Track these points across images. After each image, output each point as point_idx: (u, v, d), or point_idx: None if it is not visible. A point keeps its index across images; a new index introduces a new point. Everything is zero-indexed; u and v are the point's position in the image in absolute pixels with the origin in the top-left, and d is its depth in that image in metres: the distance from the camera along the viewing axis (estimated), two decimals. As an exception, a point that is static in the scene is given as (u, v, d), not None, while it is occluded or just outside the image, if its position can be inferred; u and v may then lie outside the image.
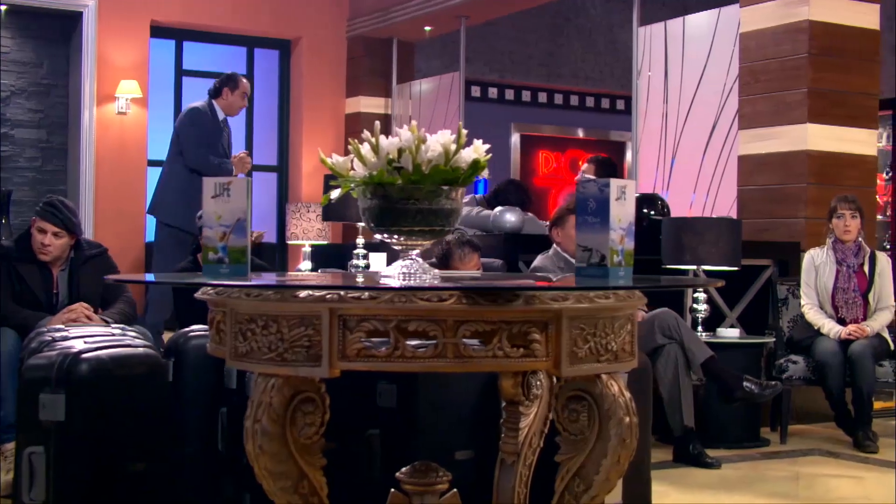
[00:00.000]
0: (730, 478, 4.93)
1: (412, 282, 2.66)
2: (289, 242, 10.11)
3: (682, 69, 7.61)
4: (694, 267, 5.88)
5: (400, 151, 2.70)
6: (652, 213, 6.18)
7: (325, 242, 9.29)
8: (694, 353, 5.15)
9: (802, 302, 5.97)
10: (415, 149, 2.68)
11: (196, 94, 10.97)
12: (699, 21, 7.51)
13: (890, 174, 11.38)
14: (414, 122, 2.70)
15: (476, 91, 12.01)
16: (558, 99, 12.52)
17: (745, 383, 5.17)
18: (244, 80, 7.88)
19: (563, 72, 12.39)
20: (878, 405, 6.80)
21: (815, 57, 6.52)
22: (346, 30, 10.95)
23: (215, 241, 2.76)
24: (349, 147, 2.76)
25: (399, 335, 2.31)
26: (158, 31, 10.42)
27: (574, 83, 12.43)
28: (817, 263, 5.94)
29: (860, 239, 5.94)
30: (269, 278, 3.07)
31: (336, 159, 2.78)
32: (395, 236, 2.71)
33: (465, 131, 2.74)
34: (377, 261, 6.10)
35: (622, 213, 2.79)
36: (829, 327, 5.79)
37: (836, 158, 6.59)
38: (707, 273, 6.23)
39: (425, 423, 3.39)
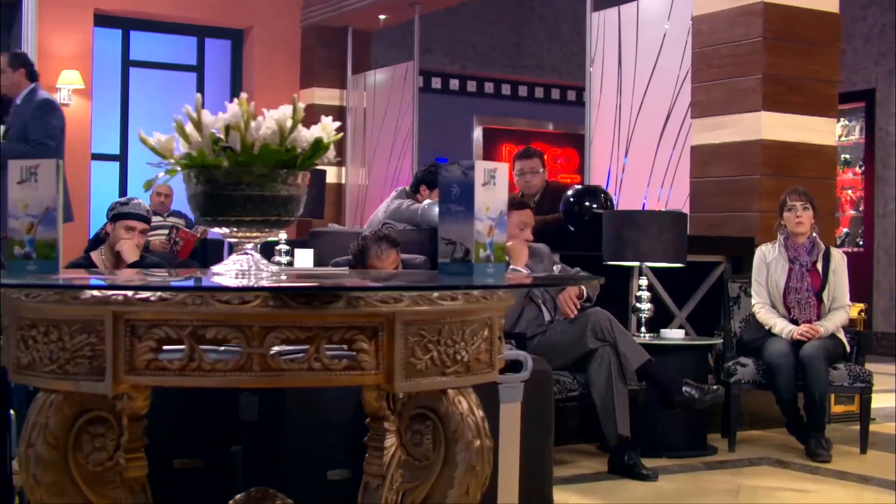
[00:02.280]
0: (665, 491, 4.56)
1: (248, 280, 2.29)
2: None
3: (635, 56, 7.25)
4: (636, 263, 5.51)
5: (227, 129, 2.33)
6: (594, 206, 5.81)
7: (276, 239, 8.92)
8: (628, 357, 4.77)
9: (753, 301, 5.60)
10: (243, 126, 2.31)
11: (143, 86, 10.63)
12: (653, 5, 7.13)
13: (863, 168, 11.03)
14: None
15: (437, 82, 11.63)
16: (522, 91, 12.14)
17: (684, 388, 4.79)
18: None
19: (528, 63, 12.01)
20: (839, 409, 6.45)
21: (770, 41, 6.16)
22: (300, 19, 10.57)
23: (21, 233, 2.39)
24: (173, 124, 2.39)
25: (195, 344, 1.94)
26: (103, 20, 10.02)
27: (539, 75, 12.06)
28: (768, 260, 5.58)
29: (814, 235, 5.57)
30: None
31: (158, 138, 2.41)
32: (224, 227, 2.35)
33: (301, 105, 2.36)
34: (303, 258, 5.72)
35: (491, 200, 2.42)
36: (781, 327, 5.43)
37: (793, 148, 6.23)
38: (653, 270, 5.88)
39: (293, 439, 3.02)
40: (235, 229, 2.34)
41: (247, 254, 2.38)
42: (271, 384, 1.96)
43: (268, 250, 8.70)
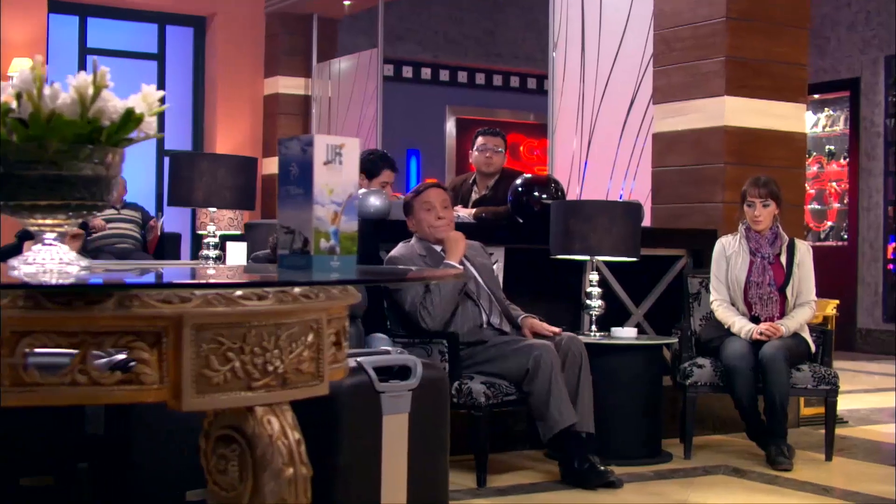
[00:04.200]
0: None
1: (48, 278, 1.94)
2: (199, 232, 9.42)
3: (599, 40, 6.89)
4: (586, 257, 5.16)
5: (18, 97, 1.98)
6: (544, 196, 5.44)
7: (238, 232, 8.61)
8: (555, 417, 4.34)
9: (711, 297, 5.24)
10: (36, 93, 1.96)
11: (102, 75, 10.25)
12: (616, -15, 6.77)
13: (847, 159, 10.67)
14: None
15: (408, 71, 11.27)
16: (497, 80, 11.78)
17: (586, 464, 4.42)
18: None
19: (502, 51, 11.64)
20: (809, 411, 6.10)
21: (734, 21, 5.79)
22: (264, 5, 10.22)
23: None
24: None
25: (-70, 353, 1.59)
26: (58, 6, 9.69)
27: (514, 63, 11.67)
28: (728, 253, 5.22)
29: (777, 226, 5.20)
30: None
31: (-55, 110, 2.05)
32: (18, 214, 2.00)
33: (105, 69, 2.01)
34: (235, 252, 5.37)
35: (336, 181, 2.08)
36: (740, 326, 5.07)
37: (758, 135, 5.87)
38: (609, 264, 5.55)
39: (145, 454, 2.67)
40: (31, 216, 1.99)
41: (48, 244, 2.03)
42: (24, 402, 1.61)
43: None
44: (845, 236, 10.64)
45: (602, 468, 4.41)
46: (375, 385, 2.78)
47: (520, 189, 5.48)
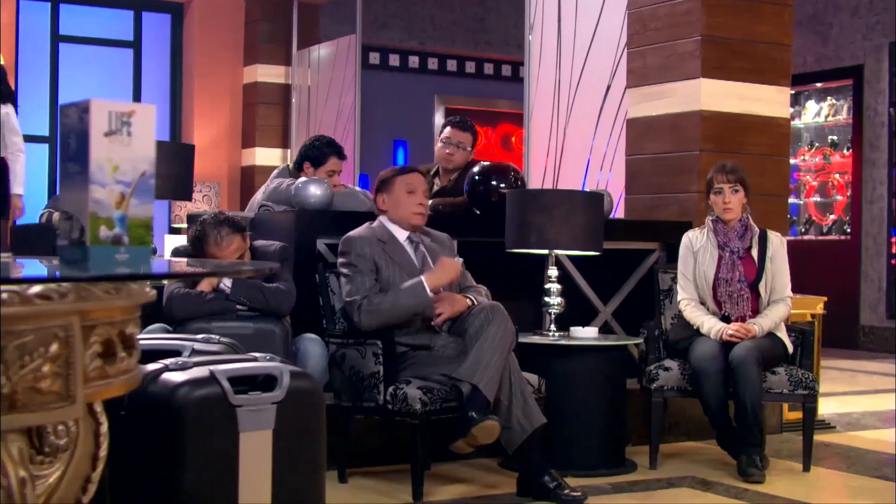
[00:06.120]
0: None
1: None
2: (174, 226, 9.13)
3: (575, 21, 6.51)
4: (545, 251, 4.78)
5: None
6: (502, 185, 5.06)
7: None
8: (521, 425, 4.02)
9: (679, 297, 4.85)
10: None
11: (75, 63, 9.95)
12: (593, -37, 6.39)
13: (850, 150, 10.23)
14: None
15: (395, 60, 10.90)
16: (488, 69, 11.39)
17: (545, 478, 4.05)
18: None
19: (493, 39, 11.25)
20: (793, 416, 5.72)
21: (711, -2, 5.41)
22: (243, -9, 9.88)
23: None
24: None
25: None
26: (29, -8, 9.37)
27: (506, 51, 11.28)
28: (695, 248, 4.83)
29: (746, 216, 4.80)
30: None
31: None
32: None
33: None
34: (173, 245, 5.02)
35: (122, 156, 1.72)
36: (709, 326, 4.68)
37: (737, 120, 5.48)
38: (576, 259, 5.18)
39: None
40: None
41: None
42: None
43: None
44: (847, 230, 10.21)
45: (565, 486, 4.05)
46: (230, 398, 2.42)
47: (476, 178, 5.11)
